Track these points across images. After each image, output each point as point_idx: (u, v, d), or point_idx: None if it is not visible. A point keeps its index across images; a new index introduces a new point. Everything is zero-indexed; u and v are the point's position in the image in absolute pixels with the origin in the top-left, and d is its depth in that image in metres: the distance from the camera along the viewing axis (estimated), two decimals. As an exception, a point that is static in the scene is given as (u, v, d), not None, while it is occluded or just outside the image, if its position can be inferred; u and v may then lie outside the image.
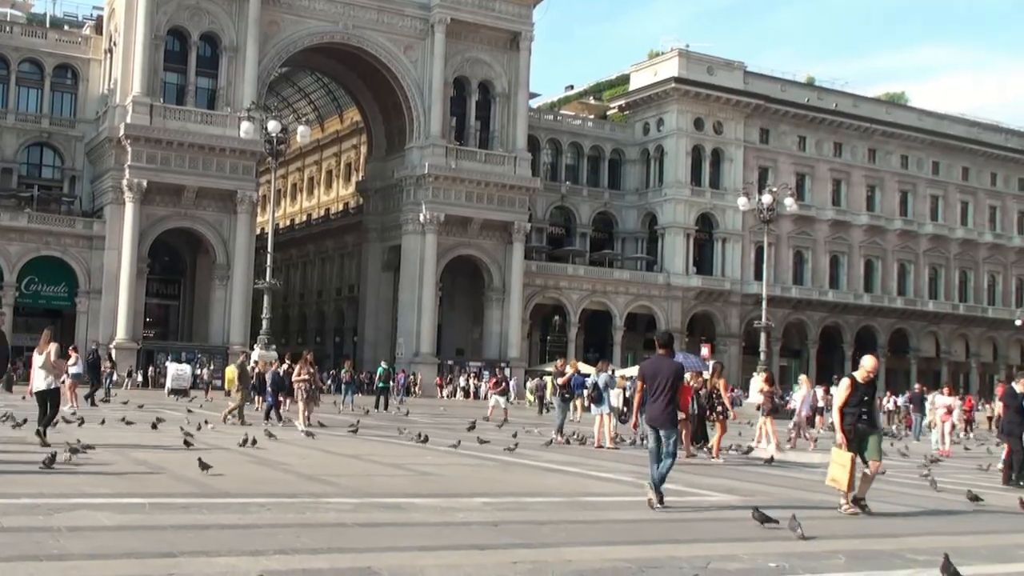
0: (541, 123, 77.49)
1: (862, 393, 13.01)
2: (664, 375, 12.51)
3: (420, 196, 67.55)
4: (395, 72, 67.92)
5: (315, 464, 16.40)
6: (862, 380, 13.13)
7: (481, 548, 8.97)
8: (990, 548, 10.44)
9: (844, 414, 12.89)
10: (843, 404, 12.96)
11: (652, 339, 74.53)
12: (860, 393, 13.00)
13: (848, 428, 12.79)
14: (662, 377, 12.50)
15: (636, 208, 79.89)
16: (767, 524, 10.62)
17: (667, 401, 12.47)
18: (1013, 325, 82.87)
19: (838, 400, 13.14)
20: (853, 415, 12.85)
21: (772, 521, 10.64)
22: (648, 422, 12.67)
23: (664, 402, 12.44)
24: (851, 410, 12.89)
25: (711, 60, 79.79)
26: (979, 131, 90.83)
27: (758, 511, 10.84)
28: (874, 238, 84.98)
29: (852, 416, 12.84)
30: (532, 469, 17.33)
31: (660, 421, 12.46)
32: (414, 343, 66.89)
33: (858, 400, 12.94)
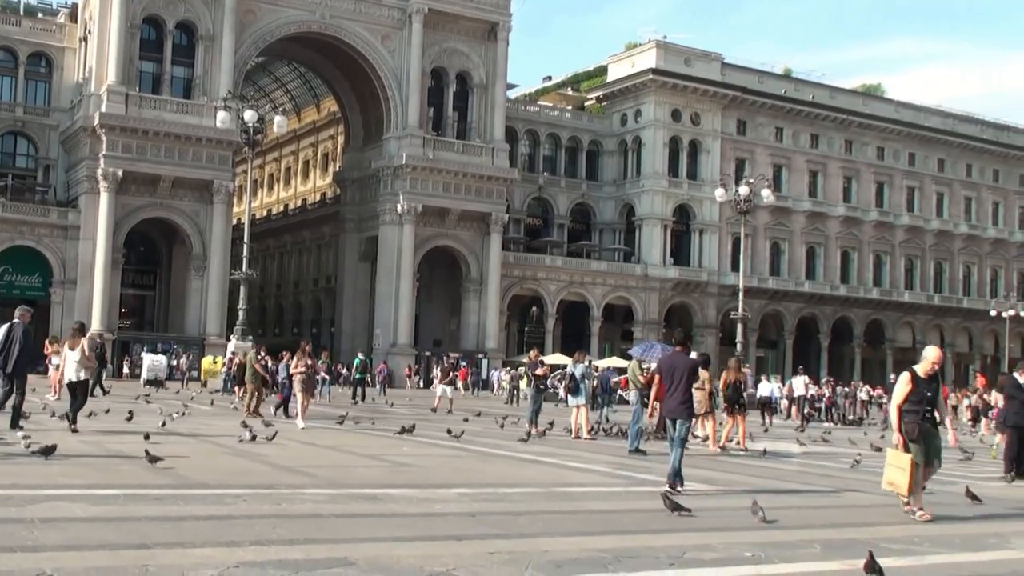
0: (519, 114, 77.41)
1: (924, 389, 11.73)
2: (680, 370, 13.57)
3: (397, 187, 67.39)
4: (372, 62, 67.69)
5: (292, 455, 16.35)
6: (924, 374, 11.83)
7: (458, 538, 8.97)
8: (962, 537, 10.52)
9: (903, 412, 11.73)
10: (903, 401, 11.75)
11: (629, 330, 75.25)
12: (922, 389, 11.72)
13: (908, 429, 11.62)
14: (678, 372, 13.57)
15: (613, 199, 79.96)
16: (679, 512, 10.60)
17: (684, 394, 13.53)
18: (988, 315, 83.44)
19: (897, 397, 11.85)
20: (915, 414, 11.65)
21: (684, 510, 10.63)
22: (666, 414, 13.89)
23: (681, 395, 13.50)
24: (912, 408, 11.68)
25: (689, 52, 79.88)
26: (955, 123, 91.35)
27: (668, 499, 10.78)
28: (850, 229, 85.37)
29: (914, 415, 11.63)
30: (509, 460, 17.35)
31: (677, 412, 13.56)
32: (391, 334, 66.78)
33: (920, 397, 11.69)
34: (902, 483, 11.53)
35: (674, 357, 14.02)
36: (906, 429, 11.60)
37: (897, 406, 11.77)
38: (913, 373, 11.80)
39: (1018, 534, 10.83)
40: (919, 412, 11.61)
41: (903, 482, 11.51)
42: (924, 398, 11.64)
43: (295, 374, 23.70)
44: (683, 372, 13.58)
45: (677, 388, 13.52)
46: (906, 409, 11.66)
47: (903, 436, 11.60)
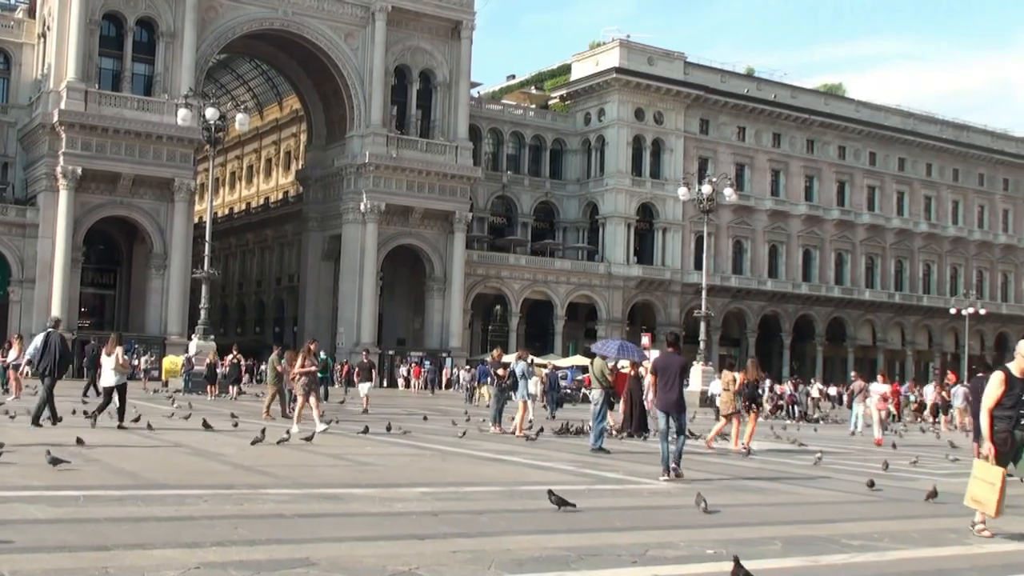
0: (483, 112, 77.36)
1: (1020, 391, 10.11)
2: (673, 369, 15.01)
3: (361, 185, 67.17)
4: (335, 60, 67.42)
5: (253, 455, 16.24)
6: (1020, 372, 10.17)
7: (420, 538, 8.95)
8: (921, 532, 10.61)
9: (995, 418, 10.10)
10: (994, 405, 10.11)
11: (593, 328, 75.41)
12: (1017, 391, 10.10)
13: (1001, 437, 10.06)
14: (672, 371, 15.00)
15: (577, 198, 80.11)
16: (564, 508, 10.57)
17: (678, 391, 15.00)
18: (947, 313, 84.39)
19: (988, 400, 10.15)
20: (1009, 420, 10.07)
21: (569, 504, 10.60)
22: (661, 408, 15.21)
23: (675, 392, 14.95)
24: (1006, 413, 10.08)
25: (652, 51, 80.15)
26: (915, 123, 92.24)
27: (553, 494, 10.73)
28: (812, 228, 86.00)
29: (1008, 422, 10.06)
30: (471, 459, 17.34)
31: (672, 407, 14.96)
32: (354, 333, 66.56)
33: (1014, 400, 10.08)
34: (990, 501, 9.89)
35: (668, 357, 15.39)
36: (998, 439, 10.04)
37: (988, 410, 10.10)
38: (1007, 372, 10.15)
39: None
40: (1013, 418, 10.06)
41: (991, 500, 9.88)
42: (1019, 401, 10.05)
43: (300, 374, 22.03)
44: (676, 370, 15.01)
45: (671, 385, 14.94)
46: (998, 415, 10.07)
47: (995, 446, 10.01)
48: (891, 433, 31.27)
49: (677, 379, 15.06)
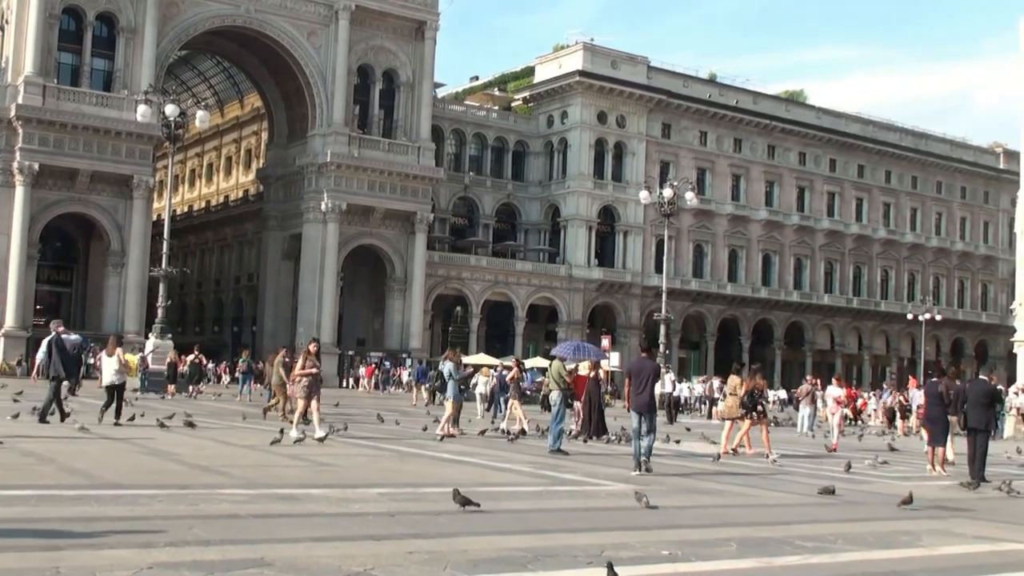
0: (445, 113, 77.26)
1: None
2: (646, 373, 16.30)
3: (322, 184, 66.89)
4: (298, 58, 67.10)
5: (209, 455, 16.14)
6: None
7: (376, 539, 8.92)
8: (875, 535, 10.72)
9: None
10: None
11: (553, 330, 75.47)
12: None
13: None
14: (645, 374, 16.26)
15: (539, 200, 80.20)
16: (468, 507, 10.55)
17: (649, 393, 16.29)
18: (905, 319, 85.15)
19: None
20: None
21: (473, 504, 10.58)
22: (634, 408, 16.31)
23: (647, 394, 16.22)
24: None
25: (615, 54, 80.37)
26: (874, 130, 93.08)
27: (459, 493, 10.71)
28: (772, 233, 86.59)
29: None
30: (429, 460, 17.31)
31: (644, 408, 16.16)
32: (314, 333, 66.07)
33: None
34: None
35: (642, 362, 16.77)
36: None
37: None
38: None
39: (929, 532, 11.06)
40: None
41: None
42: None
43: (301, 375, 20.67)
44: (649, 374, 16.31)
45: (644, 387, 16.17)
46: None
47: None
48: (856, 436, 31.62)
49: (650, 382, 16.32)
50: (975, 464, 17.73)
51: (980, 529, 11.42)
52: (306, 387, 20.28)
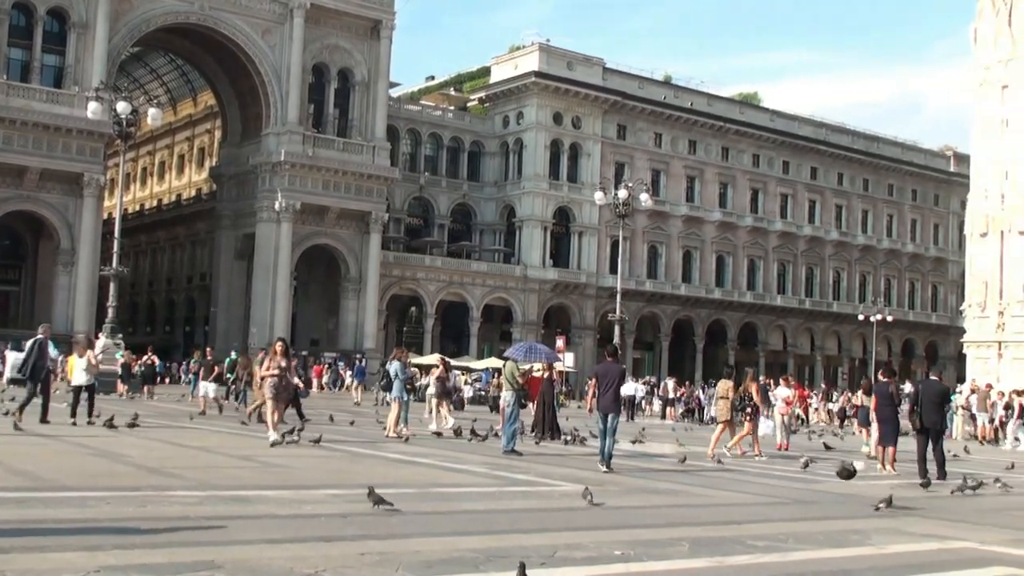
0: (401, 113, 77.06)
1: None
2: (612, 376, 17.21)
3: (276, 183, 66.45)
4: (252, 56, 66.61)
5: (160, 457, 15.97)
6: None
7: (328, 540, 8.85)
8: (826, 534, 10.80)
9: None
10: None
11: (508, 331, 75.45)
12: None
13: None
14: (610, 377, 17.18)
15: (494, 200, 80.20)
16: (381, 506, 10.49)
17: (614, 395, 17.28)
18: (856, 320, 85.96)
19: None
20: None
21: (387, 503, 10.51)
22: (600, 410, 17.26)
23: (612, 396, 17.23)
24: None
25: (571, 55, 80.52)
26: (827, 132, 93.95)
27: (373, 492, 10.63)
28: (725, 234, 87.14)
29: None
30: (382, 460, 17.24)
31: (610, 409, 17.19)
32: (267, 333, 65.68)
33: None
34: None
35: (608, 365, 17.61)
36: None
37: None
38: None
39: (878, 531, 11.16)
40: None
41: None
42: None
43: (266, 376, 19.90)
44: (614, 377, 17.26)
45: (610, 389, 17.11)
46: None
47: None
48: (812, 435, 31.92)
49: (615, 385, 17.30)
50: (924, 463, 17.95)
51: (930, 527, 11.55)
52: (272, 388, 19.62)
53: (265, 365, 20.15)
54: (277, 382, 19.63)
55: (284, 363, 19.93)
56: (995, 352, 66.28)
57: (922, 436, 18.38)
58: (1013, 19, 67.00)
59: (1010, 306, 65.71)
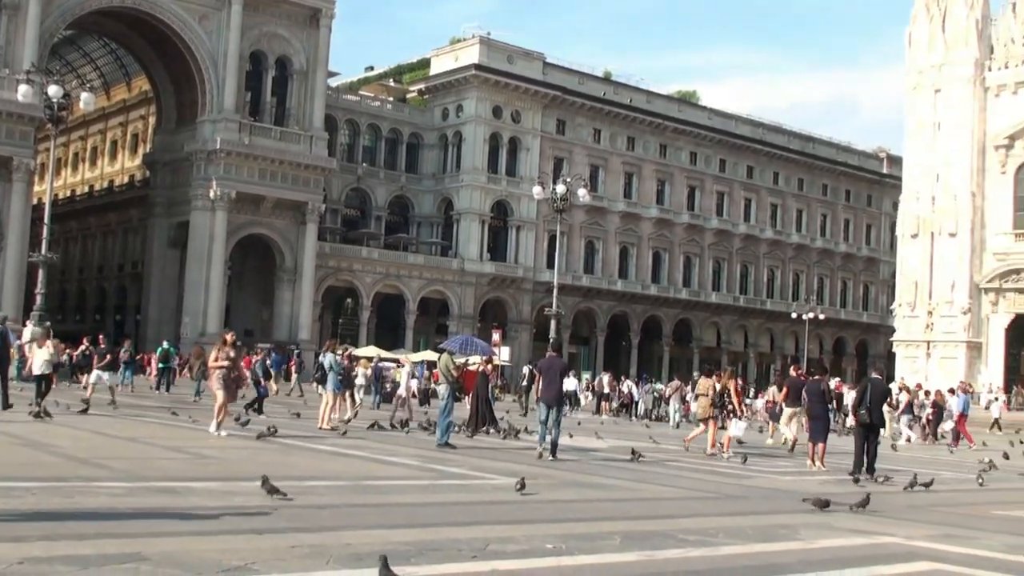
0: (339, 103, 76.58)
1: None
2: (555, 370, 18.45)
3: (211, 171, 65.67)
4: (188, 42, 65.72)
5: (88, 447, 15.72)
6: None
7: (259, 532, 8.77)
8: (755, 528, 10.92)
9: None
10: None
11: (444, 324, 75.32)
12: None
13: None
14: (554, 371, 18.41)
15: (432, 193, 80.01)
16: (275, 495, 10.47)
17: (557, 388, 18.37)
18: (789, 317, 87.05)
19: None
20: None
21: (280, 493, 10.49)
22: (544, 402, 18.28)
23: (556, 389, 18.34)
24: None
25: (512, 50, 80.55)
26: (763, 132, 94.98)
27: (267, 482, 10.58)
28: (662, 231, 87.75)
29: None
30: (315, 453, 17.13)
31: (552, 401, 18.19)
32: (200, 323, 65.04)
33: None
34: None
35: (551, 360, 18.87)
36: None
37: None
38: None
39: (807, 525, 11.30)
40: None
41: None
42: None
43: (214, 368, 19.30)
44: (557, 372, 18.51)
45: (552, 383, 18.23)
46: None
47: None
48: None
49: (558, 378, 18.48)
50: (863, 458, 18.26)
51: (857, 523, 11.71)
52: (221, 379, 19.07)
53: (213, 356, 19.60)
54: (227, 373, 19.20)
55: (234, 354, 19.56)
56: (923, 351, 67.63)
57: (864, 433, 18.66)
58: (947, 24, 68.27)
59: (939, 306, 67.06)
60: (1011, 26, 66.84)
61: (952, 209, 66.41)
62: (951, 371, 63.61)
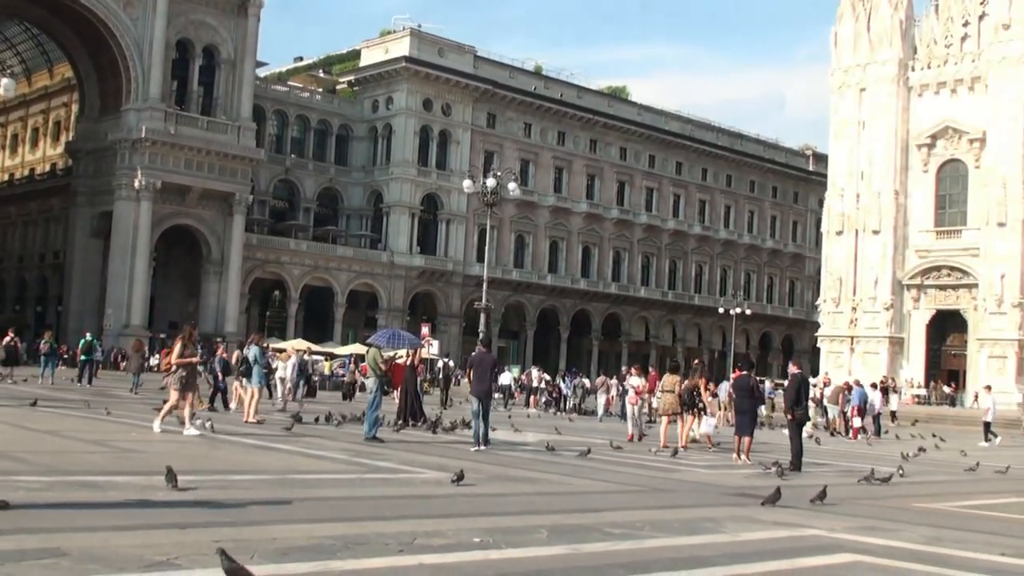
0: (268, 93, 75.78)
1: None
2: (486, 365, 19.51)
3: (136, 161, 64.58)
4: (112, 29, 64.51)
5: (5, 440, 15.38)
6: None
7: (181, 527, 8.64)
8: (681, 521, 11.01)
9: None
10: None
11: (373, 317, 75.00)
12: None
13: None
14: (484, 366, 19.43)
15: (362, 185, 79.56)
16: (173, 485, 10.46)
17: (487, 382, 19.54)
18: (717, 312, 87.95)
19: None
20: None
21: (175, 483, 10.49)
22: (475, 395, 19.31)
23: (487, 383, 19.46)
24: None
25: (443, 43, 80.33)
26: (692, 128, 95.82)
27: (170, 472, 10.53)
28: (592, 225, 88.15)
29: None
30: (242, 447, 16.96)
31: (483, 395, 19.21)
32: (124, 315, 64.00)
33: None
34: None
35: (482, 355, 19.81)
36: None
37: None
38: None
39: (731, 518, 11.43)
40: None
41: None
42: None
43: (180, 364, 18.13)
44: (488, 366, 19.56)
45: (483, 377, 19.27)
46: None
47: None
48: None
49: (488, 373, 19.53)
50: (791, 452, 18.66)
51: (781, 516, 11.86)
52: (183, 378, 18.05)
53: (177, 352, 18.49)
54: (191, 371, 18.36)
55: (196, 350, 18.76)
56: (847, 346, 68.87)
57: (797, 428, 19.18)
58: (872, 24, 69.48)
59: (862, 302, 68.35)
60: (934, 27, 68.26)
61: (876, 207, 67.67)
62: (874, 366, 64.91)
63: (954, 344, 67.60)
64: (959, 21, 67.13)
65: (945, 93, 66.70)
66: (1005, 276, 62.25)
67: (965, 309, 65.42)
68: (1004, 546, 10.42)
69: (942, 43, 67.64)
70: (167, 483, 10.40)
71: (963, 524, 12.25)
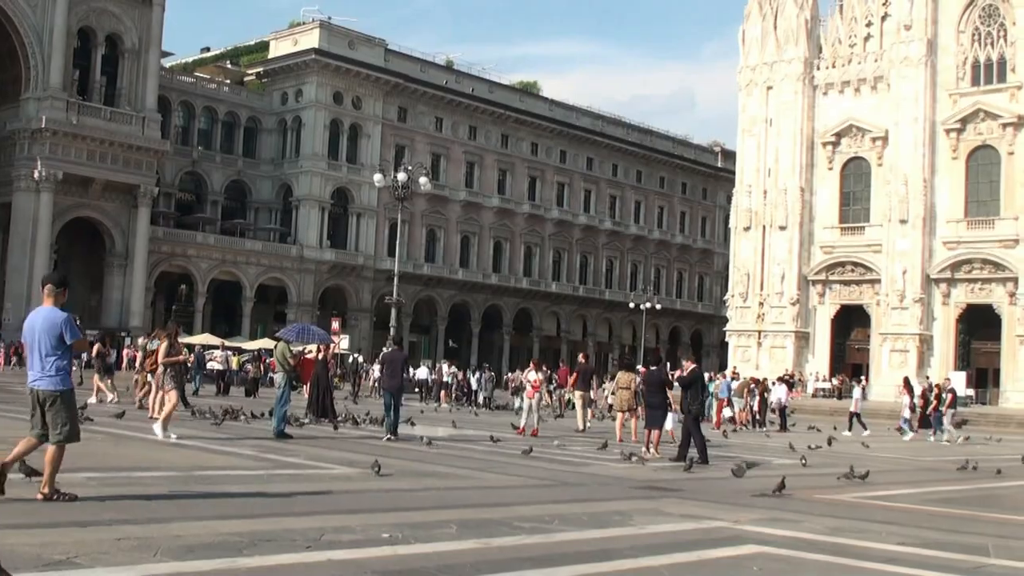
0: (173, 84, 74.45)
1: None
2: (397, 362, 21.14)
3: (35, 151, 62.98)
4: (10, 15, 62.74)
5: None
6: None
7: (82, 525, 8.44)
8: (590, 515, 11.06)
9: None
10: None
11: (283, 311, 74.22)
12: None
13: None
14: (396, 363, 21.08)
15: (271, 178, 78.63)
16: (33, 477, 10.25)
17: (399, 378, 20.94)
18: (627, 307, 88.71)
19: None
20: None
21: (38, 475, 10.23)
22: (386, 389, 20.87)
23: (397, 379, 20.84)
24: None
25: (353, 35, 79.75)
26: (603, 124, 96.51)
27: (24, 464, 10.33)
28: (503, 220, 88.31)
29: None
30: (147, 443, 16.62)
31: (394, 390, 20.52)
32: (23, 309, 62.26)
33: None
34: None
35: (394, 352, 21.56)
36: None
37: None
38: None
39: (639, 511, 11.52)
40: None
41: None
42: None
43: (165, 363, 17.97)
44: (399, 362, 21.18)
45: (394, 373, 20.80)
46: None
47: None
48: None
49: (399, 369, 21.03)
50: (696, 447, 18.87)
51: (687, 508, 12.00)
52: (174, 377, 17.90)
53: (164, 350, 18.26)
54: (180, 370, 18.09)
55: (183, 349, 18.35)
56: (755, 341, 70.05)
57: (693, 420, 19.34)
58: (779, 23, 70.70)
59: (769, 297, 69.59)
60: (838, 26, 69.72)
61: (782, 203, 68.91)
62: (780, 360, 66.16)
63: (858, 338, 69.14)
64: (863, 21, 68.65)
65: (849, 92, 68.15)
66: (907, 272, 63.84)
67: (868, 304, 66.95)
68: (902, 535, 10.67)
69: (846, 43, 69.11)
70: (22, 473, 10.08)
71: (864, 515, 12.50)
